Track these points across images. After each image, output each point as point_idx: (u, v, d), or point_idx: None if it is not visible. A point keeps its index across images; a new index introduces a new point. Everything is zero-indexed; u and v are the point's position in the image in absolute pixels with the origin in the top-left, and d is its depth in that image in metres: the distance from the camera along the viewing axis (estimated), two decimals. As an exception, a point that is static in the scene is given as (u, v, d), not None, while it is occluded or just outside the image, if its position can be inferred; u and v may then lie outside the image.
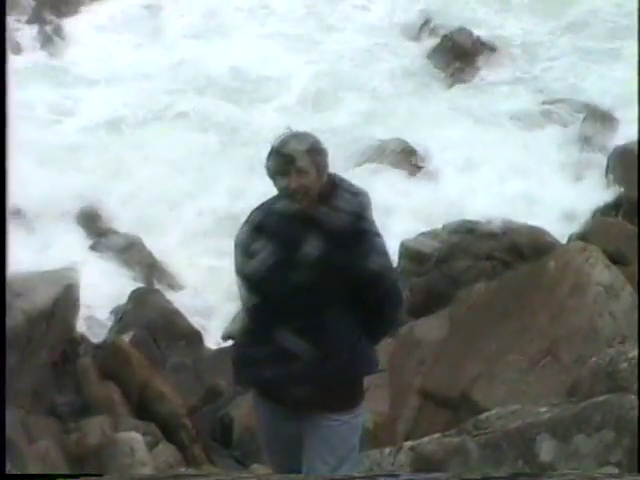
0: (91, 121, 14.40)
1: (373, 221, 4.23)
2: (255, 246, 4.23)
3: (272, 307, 4.21)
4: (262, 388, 4.36)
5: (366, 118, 14.65)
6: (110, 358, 8.54)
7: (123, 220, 12.15)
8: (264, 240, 4.21)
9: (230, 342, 10.24)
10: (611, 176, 12.36)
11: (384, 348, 7.72)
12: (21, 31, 16.38)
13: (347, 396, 4.32)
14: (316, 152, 4.15)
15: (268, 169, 4.16)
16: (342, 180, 4.27)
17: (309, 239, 4.13)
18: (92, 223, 12.10)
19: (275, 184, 4.18)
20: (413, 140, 13.60)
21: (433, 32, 16.76)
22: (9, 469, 6.72)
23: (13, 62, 14.93)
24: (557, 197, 12.56)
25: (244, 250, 4.28)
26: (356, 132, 14.04)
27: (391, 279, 4.29)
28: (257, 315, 4.28)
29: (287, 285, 4.15)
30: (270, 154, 4.15)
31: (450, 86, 15.68)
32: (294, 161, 4.09)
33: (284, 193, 4.15)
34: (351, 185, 4.27)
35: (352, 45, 16.75)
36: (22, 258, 10.08)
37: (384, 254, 4.23)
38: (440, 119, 14.57)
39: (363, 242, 4.16)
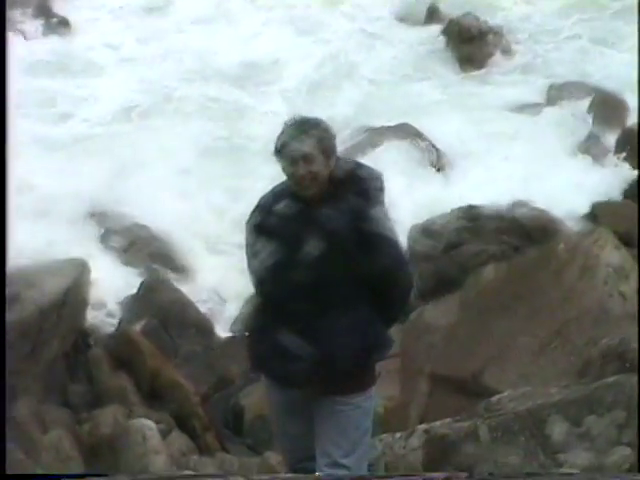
0: (100, 111, 14.40)
1: (380, 219, 4.19)
2: (256, 246, 4.27)
3: (276, 304, 4.24)
4: (274, 375, 4.38)
5: (371, 105, 14.61)
6: (121, 348, 8.56)
7: (133, 212, 12.14)
8: (264, 240, 4.24)
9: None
10: (620, 158, 12.33)
11: (394, 334, 7.73)
12: (27, 23, 16.36)
13: (358, 379, 4.33)
14: (323, 137, 4.15)
15: (277, 157, 4.17)
16: (357, 167, 4.24)
17: (309, 238, 4.13)
18: (102, 215, 12.10)
19: (284, 171, 4.19)
20: (419, 127, 13.57)
21: (439, 17, 16.68)
22: (22, 460, 6.76)
23: (20, 54, 14.99)
24: (565, 181, 12.52)
25: (248, 249, 4.32)
26: (360, 119, 14.00)
27: (400, 273, 4.26)
28: (265, 309, 4.32)
29: (290, 283, 4.16)
30: (277, 141, 4.16)
31: (456, 72, 15.63)
32: (301, 148, 4.09)
33: (292, 180, 4.16)
34: (361, 177, 4.23)
35: (356, 31, 16.69)
36: (31, 250, 10.12)
37: (389, 251, 4.19)
38: (446, 106, 14.53)
39: (365, 242, 4.14)
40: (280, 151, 4.15)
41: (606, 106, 13.78)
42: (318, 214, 4.13)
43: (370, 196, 4.16)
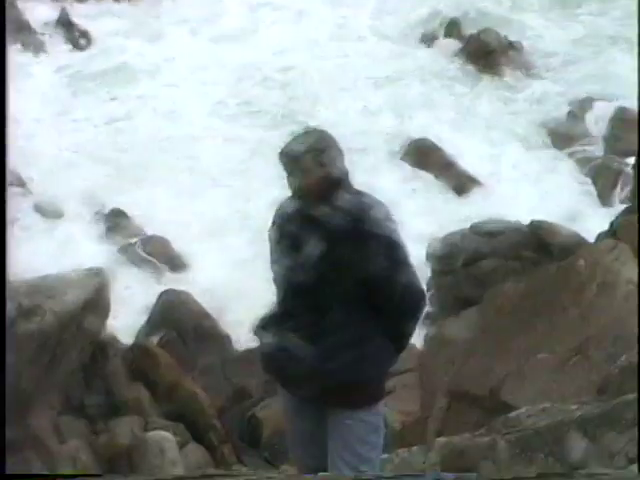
0: (124, 119, 14.53)
1: (380, 220, 4.18)
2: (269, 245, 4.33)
3: (282, 303, 4.27)
4: (280, 379, 4.39)
5: (388, 119, 14.63)
6: (139, 360, 8.58)
7: (151, 220, 12.19)
8: (273, 240, 4.29)
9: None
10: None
11: (413, 348, 7.73)
12: (50, 36, 16.47)
13: (362, 393, 4.28)
14: (320, 149, 4.15)
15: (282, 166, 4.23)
16: (347, 179, 4.27)
17: (309, 239, 4.15)
18: (119, 225, 12.14)
19: (287, 183, 4.23)
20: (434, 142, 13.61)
21: (459, 32, 16.65)
22: (40, 469, 6.78)
23: (44, 68, 15.16)
24: (582, 197, 12.52)
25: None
26: (378, 132, 14.02)
27: (400, 279, 4.18)
28: (273, 309, 4.34)
29: (290, 283, 4.20)
30: (280, 155, 4.20)
31: (475, 86, 15.60)
32: (298, 161, 4.12)
33: (294, 192, 4.20)
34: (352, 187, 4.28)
35: (376, 44, 16.69)
36: (48, 259, 10.18)
37: (389, 255, 4.16)
38: (463, 123, 14.54)
39: (364, 242, 4.14)
40: (282, 165, 4.20)
41: (624, 123, 13.74)
42: (318, 213, 4.15)
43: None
